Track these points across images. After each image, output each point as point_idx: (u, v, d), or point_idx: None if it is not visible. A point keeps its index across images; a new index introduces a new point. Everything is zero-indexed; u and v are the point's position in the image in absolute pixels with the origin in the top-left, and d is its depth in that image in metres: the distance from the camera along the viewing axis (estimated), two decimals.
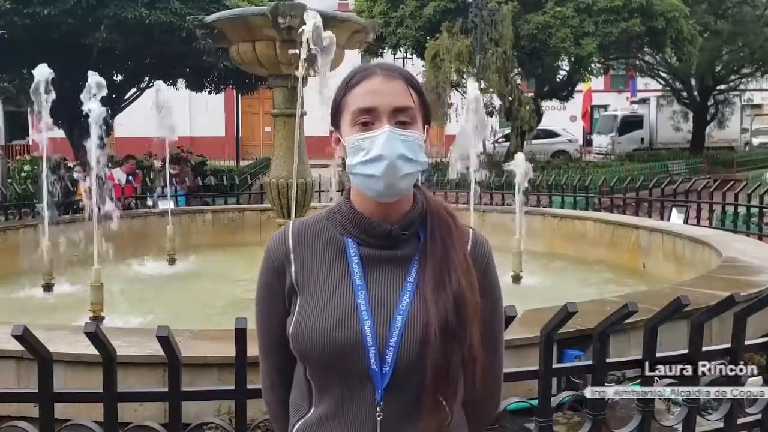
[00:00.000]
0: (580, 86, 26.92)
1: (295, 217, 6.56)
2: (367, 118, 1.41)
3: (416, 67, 20.78)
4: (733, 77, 28.30)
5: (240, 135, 27.15)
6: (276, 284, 1.49)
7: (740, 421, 2.72)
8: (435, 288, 1.39)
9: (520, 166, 8.33)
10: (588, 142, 33.24)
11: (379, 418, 1.39)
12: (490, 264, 1.51)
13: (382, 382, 1.38)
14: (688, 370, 2.61)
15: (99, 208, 6.94)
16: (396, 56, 23.45)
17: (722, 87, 28.94)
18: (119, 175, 13.23)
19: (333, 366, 1.40)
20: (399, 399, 1.39)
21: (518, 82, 23.01)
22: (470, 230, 1.52)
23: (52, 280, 7.47)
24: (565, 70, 23.58)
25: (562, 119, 31.32)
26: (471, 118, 8.08)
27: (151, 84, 16.96)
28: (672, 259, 8.07)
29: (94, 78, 6.81)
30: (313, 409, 1.46)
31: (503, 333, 1.59)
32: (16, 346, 2.19)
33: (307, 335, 1.40)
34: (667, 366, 2.77)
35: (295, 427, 1.48)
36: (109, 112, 13.63)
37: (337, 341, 1.38)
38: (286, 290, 1.48)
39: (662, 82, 29.20)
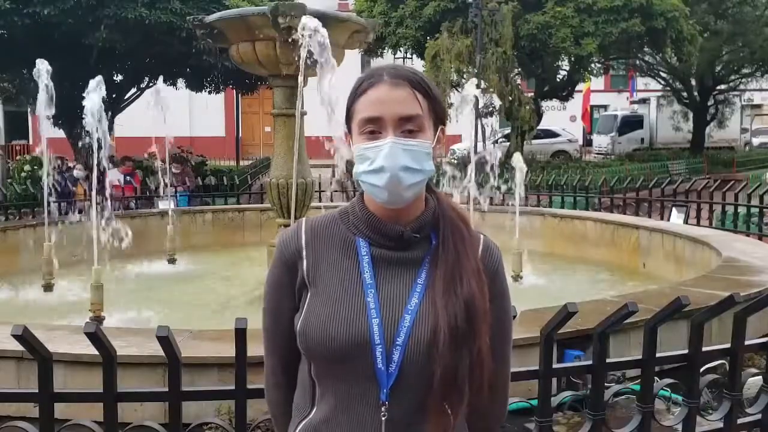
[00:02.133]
0: (580, 86, 26.91)
1: (296, 217, 6.56)
2: (373, 128, 1.41)
3: (416, 67, 20.74)
4: (733, 77, 28.28)
5: (240, 135, 27.13)
6: (286, 280, 1.50)
7: (740, 421, 2.72)
8: (446, 293, 1.39)
9: (518, 166, 8.34)
10: (588, 142, 33.23)
11: (383, 418, 1.38)
12: (499, 270, 1.52)
13: (387, 381, 1.38)
14: (688, 370, 2.61)
15: (100, 207, 6.93)
16: (396, 56, 23.45)
17: (722, 87, 28.91)
18: (116, 176, 13.22)
19: (339, 363, 1.40)
20: (404, 400, 1.39)
21: (518, 82, 23.00)
22: (481, 236, 1.52)
23: (52, 280, 7.46)
24: (565, 70, 23.58)
25: (562, 119, 31.30)
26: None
27: (151, 84, 16.96)
28: (672, 259, 8.06)
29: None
30: (315, 409, 1.45)
31: (511, 341, 1.58)
32: (16, 346, 2.19)
33: (315, 331, 1.40)
34: (667, 366, 2.78)
35: (297, 428, 1.48)
36: (109, 113, 13.66)
37: (344, 338, 1.38)
38: (297, 285, 1.48)
39: (662, 82, 29.19)
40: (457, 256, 1.43)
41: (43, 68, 7.23)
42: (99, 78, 6.69)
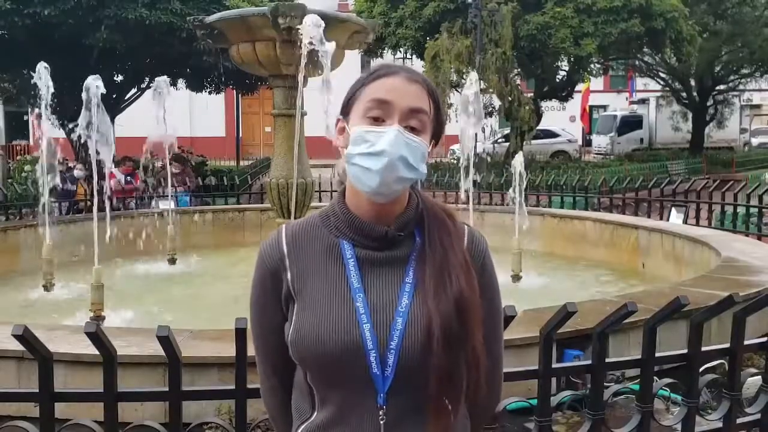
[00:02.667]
0: (580, 86, 26.93)
1: (296, 217, 6.57)
2: (380, 113, 1.40)
3: (416, 67, 20.70)
4: (732, 77, 28.32)
5: (240, 135, 27.14)
6: (271, 290, 1.48)
7: (740, 421, 2.72)
8: (435, 292, 1.38)
9: (518, 166, 8.35)
10: (587, 143, 33.25)
11: (382, 422, 1.38)
12: (486, 260, 1.50)
13: (384, 385, 1.37)
14: (688, 370, 2.61)
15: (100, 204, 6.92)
16: (396, 56, 23.45)
17: (721, 87, 28.94)
18: (119, 175, 13.23)
19: (334, 371, 1.39)
20: (402, 402, 1.38)
21: (518, 82, 23.02)
22: (465, 226, 1.51)
23: (52, 280, 7.46)
24: (564, 70, 23.60)
25: (561, 119, 31.32)
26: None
27: (151, 84, 16.96)
28: (671, 259, 8.06)
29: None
30: (316, 413, 1.45)
31: (502, 330, 1.58)
32: (17, 346, 2.19)
33: (307, 342, 1.39)
34: (667, 366, 2.78)
35: (299, 431, 1.47)
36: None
37: (336, 346, 1.37)
38: (283, 296, 1.46)
39: (661, 82, 29.22)
40: (444, 252, 1.42)
41: (44, 78, 7.20)
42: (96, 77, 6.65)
